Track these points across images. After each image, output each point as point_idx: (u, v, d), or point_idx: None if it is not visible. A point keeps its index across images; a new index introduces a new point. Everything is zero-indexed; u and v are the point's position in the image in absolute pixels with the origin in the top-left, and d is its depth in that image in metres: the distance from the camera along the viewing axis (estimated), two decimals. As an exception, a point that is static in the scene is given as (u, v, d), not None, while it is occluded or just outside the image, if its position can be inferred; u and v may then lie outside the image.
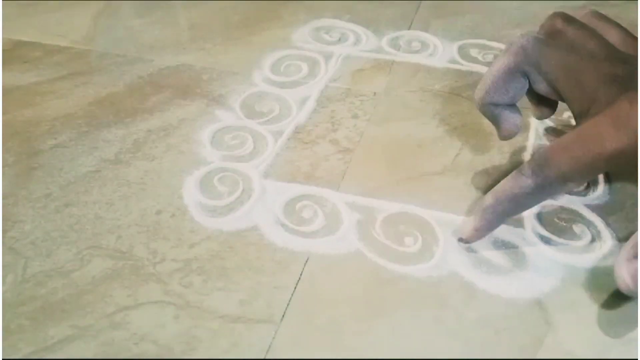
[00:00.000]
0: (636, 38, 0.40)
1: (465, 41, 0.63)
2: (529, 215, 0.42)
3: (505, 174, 0.42)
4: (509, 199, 0.37)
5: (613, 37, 0.39)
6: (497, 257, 0.40)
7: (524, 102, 0.42)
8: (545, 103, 0.43)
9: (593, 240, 0.41)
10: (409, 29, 0.65)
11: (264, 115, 0.52)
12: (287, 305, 0.36)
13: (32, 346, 0.34)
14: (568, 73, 0.37)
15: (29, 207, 0.43)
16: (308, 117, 0.52)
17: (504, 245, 0.40)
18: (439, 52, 0.61)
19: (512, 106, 0.41)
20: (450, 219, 0.42)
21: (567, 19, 0.40)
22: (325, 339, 0.35)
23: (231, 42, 0.63)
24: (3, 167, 0.46)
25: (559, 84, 0.38)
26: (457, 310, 0.36)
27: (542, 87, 0.39)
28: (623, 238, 0.41)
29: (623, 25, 0.40)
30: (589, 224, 0.42)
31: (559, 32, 0.39)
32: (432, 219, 0.42)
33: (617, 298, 0.37)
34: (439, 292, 0.37)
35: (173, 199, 0.44)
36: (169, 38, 0.63)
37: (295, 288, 0.37)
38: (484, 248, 0.40)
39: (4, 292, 0.37)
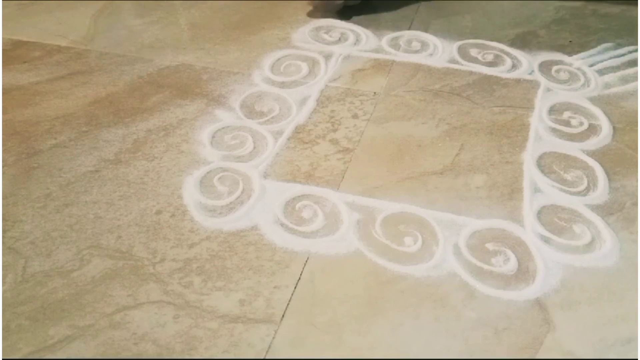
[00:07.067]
0: None
1: (465, 41, 0.63)
2: (529, 215, 0.42)
3: (505, 173, 0.42)
4: None
5: None
6: (496, 257, 0.40)
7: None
8: None
9: (593, 240, 0.41)
10: (409, 29, 0.65)
11: (264, 115, 0.52)
12: (287, 305, 0.36)
13: (32, 346, 0.34)
14: None
15: (29, 207, 0.43)
16: (308, 117, 0.52)
17: (503, 246, 0.40)
18: (438, 52, 0.61)
19: None
20: (450, 218, 0.42)
21: None
22: (325, 339, 0.35)
23: (231, 42, 0.63)
24: (3, 167, 0.46)
25: None
26: (456, 310, 0.36)
27: None
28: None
29: (623, 25, 0.40)
30: (589, 224, 0.42)
31: None
32: (432, 219, 0.42)
33: (617, 298, 0.37)
34: (438, 292, 0.37)
35: (173, 199, 0.44)
36: (169, 38, 0.64)
37: (295, 288, 0.37)
38: (483, 248, 0.40)
39: (4, 292, 0.37)
